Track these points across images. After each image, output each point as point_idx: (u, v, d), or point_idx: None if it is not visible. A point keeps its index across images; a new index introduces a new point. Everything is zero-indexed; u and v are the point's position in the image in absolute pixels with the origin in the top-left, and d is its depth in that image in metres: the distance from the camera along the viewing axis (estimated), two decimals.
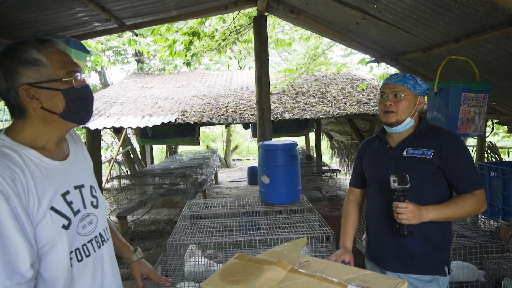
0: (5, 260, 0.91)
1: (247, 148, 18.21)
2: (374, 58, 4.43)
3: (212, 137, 17.59)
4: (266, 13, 4.49)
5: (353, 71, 8.94)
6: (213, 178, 10.10)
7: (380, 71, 6.89)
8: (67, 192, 1.09)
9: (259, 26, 4.37)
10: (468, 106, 2.54)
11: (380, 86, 1.87)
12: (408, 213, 1.47)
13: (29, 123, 1.05)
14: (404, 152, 1.66)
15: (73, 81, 1.06)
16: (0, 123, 4.67)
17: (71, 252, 1.07)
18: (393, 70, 6.35)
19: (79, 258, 1.10)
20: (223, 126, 13.19)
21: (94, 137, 5.50)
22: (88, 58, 4.80)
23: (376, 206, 1.74)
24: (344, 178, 9.39)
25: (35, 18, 2.82)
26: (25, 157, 1.01)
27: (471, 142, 6.94)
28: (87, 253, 1.13)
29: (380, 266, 1.73)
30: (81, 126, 5.48)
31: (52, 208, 1.03)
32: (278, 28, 7.80)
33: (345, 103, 5.96)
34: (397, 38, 3.40)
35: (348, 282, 0.94)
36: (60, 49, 1.08)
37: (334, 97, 6.44)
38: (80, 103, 1.09)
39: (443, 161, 1.59)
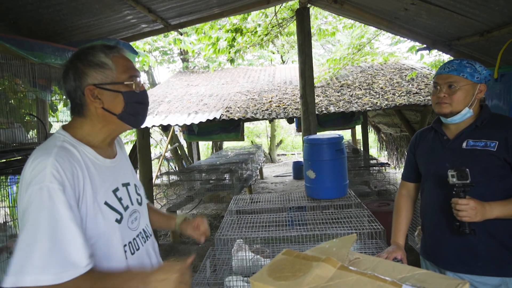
0: (58, 248, 0.92)
1: (292, 143, 18.12)
2: (425, 45, 4.18)
3: (257, 132, 17.69)
4: (308, 5, 4.40)
5: (401, 60, 8.51)
6: (258, 173, 10.17)
7: (431, 59, 6.47)
8: (117, 189, 1.15)
9: (302, 18, 4.29)
10: None
11: (433, 75, 1.74)
12: (469, 210, 1.36)
13: (88, 122, 1.12)
14: (464, 144, 1.54)
15: (134, 85, 1.13)
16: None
17: (125, 245, 1.12)
18: (446, 58, 5.96)
19: (132, 251, 1.15)
20: (267, 121, 13.22)
21: (144, 135, 5.73)
22: (136, 59, 5.00)
23: (433, 201, 1.64)
24: (394, 172, 9.06)
25: (87, 23, 2.99)
26: (82, 154, 1.07)
27: None
28: (137, 247, 1.18)
29: (438, 265, 1.63)
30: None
31: (106, 203, 1.08)
32: (322, 19, 7.61)
33: (394, 94, 5.70)
34: (450, 22, 3.17)
35: (402, 282, 0.88)
36: (125, 55, 1.15)
37: (381, 88, 6.19)
38: (137, 106, 1.15)
39: (509, 153, 1.45)
